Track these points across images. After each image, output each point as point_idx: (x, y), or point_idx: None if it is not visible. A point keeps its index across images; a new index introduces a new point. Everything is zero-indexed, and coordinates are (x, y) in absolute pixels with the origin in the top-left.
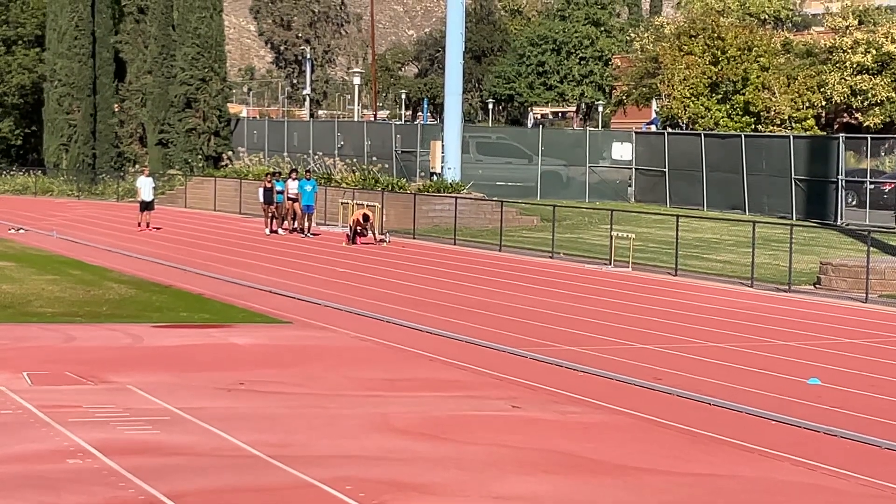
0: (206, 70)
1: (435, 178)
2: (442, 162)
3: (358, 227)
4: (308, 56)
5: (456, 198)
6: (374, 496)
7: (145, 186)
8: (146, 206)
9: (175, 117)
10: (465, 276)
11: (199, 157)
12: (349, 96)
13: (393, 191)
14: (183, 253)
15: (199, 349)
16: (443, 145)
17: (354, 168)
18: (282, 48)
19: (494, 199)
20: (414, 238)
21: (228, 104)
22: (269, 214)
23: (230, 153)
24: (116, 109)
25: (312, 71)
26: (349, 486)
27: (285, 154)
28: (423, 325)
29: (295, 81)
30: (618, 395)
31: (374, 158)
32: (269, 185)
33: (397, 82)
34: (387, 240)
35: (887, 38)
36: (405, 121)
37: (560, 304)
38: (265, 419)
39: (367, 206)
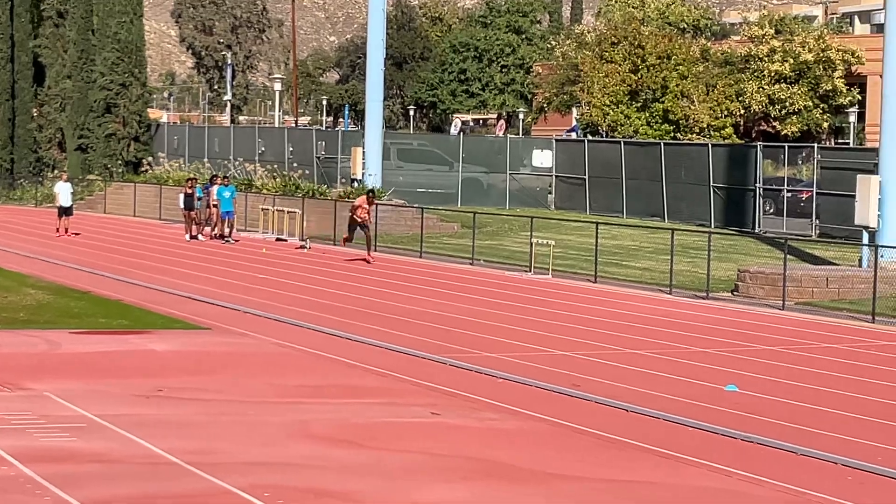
0: (127, 75)
1: (356, 184)
2: (363, 168)
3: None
4: (229, 61)
5: (377, 204)
6: (292, 503)
7: (63, 192)
8: (64, 212)
9: (95, 122)
10: (386, 282)
11: (119, 162)
12: (270, 102)
13: (314, 197)
14: (102, 259)
15: (117, 356)
16: (364, 152)
17: (275, 174)
18: (203, 53)
19: (415, 205)
20: (334, 244)
21: (149, 109)
22: (190, 220)
23: (150, 158)
24: (35, 114)
25: (233, 76)
26: (268, 494)
27: (206, 160)
28: (343, 331)
29: (216, 87)
30: (536, 402)
31: (295, 165)
32: (189, 191)
33: (318, 88)
34: (307, 246)
35: (804, 47)
36: (326, 127)
37: (480, 310)
38: (184, 426)
39: (288, 212)
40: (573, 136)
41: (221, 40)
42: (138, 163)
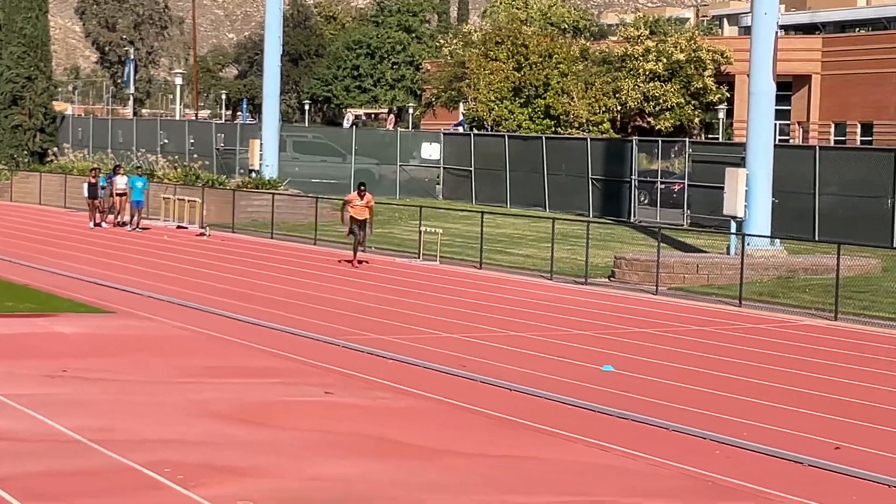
0: (32, 69)
1: (254, 174)
2: (260, 160)
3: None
4: (132, 57)
5: (273, 194)
6: (192, 479)
7: None
8: None
9: (1, 114)
10: (283, 268)
11: (25, 152)
12: (172, 96)
13: (213, 187)
14: (8, 245)
15: (23, 338)
16: (261, 144)
17: (177, 165)
18: (106, 49)
19: (310, 195)
20: (233, 232)
21: (54, 102)
22: (94, 208)
23: (56, 149)
24: None
25: (136, 71)
26: (168, 469)
27: (109, 151)
28: (242, 315)
29: (119, 81)
30: (426, 382)
31: (196, 156)
32: (93, 181)
33: (218, 83)
34: (207, 233)
35: (676, 47)
36: (225, 120)
37: (372, 295)
38: (88, 405)
39: (188, 200)
40: (460, 130)
41: (124, 36)
42: (44, 153)
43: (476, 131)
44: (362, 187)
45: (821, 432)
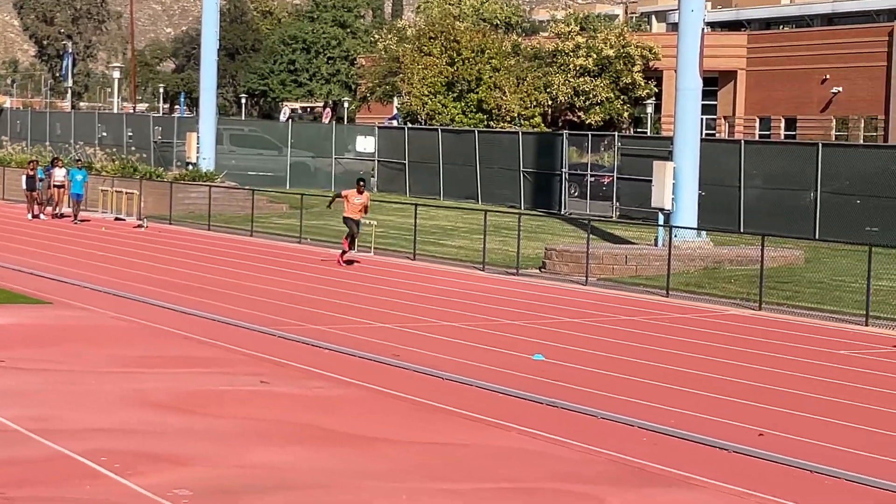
0: None
1: (191, 167)
2: (197, 152)
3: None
4: (70, 51)
5: (210, 186)
6: (128, 467)
7: None
8: None
9: None
10: (219, 259)
11: None
12: (109, 89)
13: (151, 179)
14: None
15: None
16: (198, 137)
17: (114, 157)
18: (45, 42)
19: (246, 187)
20: (170, 224)
21: None
22: (32, 200)
23: None
24: None
25: (74, 65)
26: (105, 458)
27: (48, 143)
28: (179, 305)
29: (57, 74)
30: (359, 371)
31: (134, 148)
32: (31, 173)
33: (156, 77)
34: (144, 225)
35: (606, 43)
36: (163, 113)
37: (307, 286)
38: (25, 395)
39: (126, 192)
40: (394, 123)
41: (62, 30)
42: None
43: (410, 125)
44: (361, 183)
45: (745, 419)
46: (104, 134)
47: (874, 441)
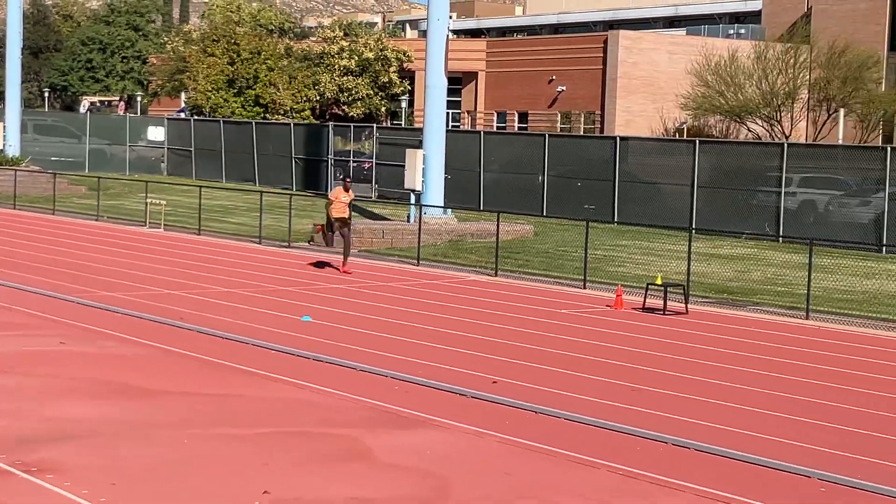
0: None
1: None
2: (4, 140)
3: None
4: None
5: (16, 170)
6: None
7: None
8: None
9: None
10: (24, 234)
11: None
12: None
13: None
14: None
15: None
16: (5, 126)
17: None
18: None
19: (49, 171)
20: None
21: None
22: None
23: None
24: None
25: None
26: None
27: None
28: None
29: None
30: (149, 332)
31: None
32: None
33: None
34: None
35: (366, 47)
36: None
37: (103, 258)
38: None
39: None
40: (182, 115)
41: None
42: None
43: (196, 117)
44: (348, 179)
45: (481, 369)
46: None
47: (589, 384)
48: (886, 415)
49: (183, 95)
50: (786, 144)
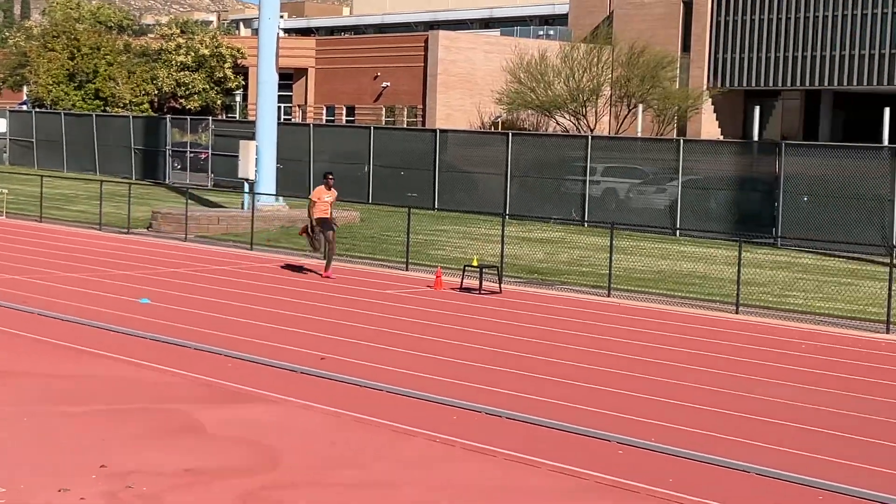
0: None
1: None
2: None
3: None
4: None
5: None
6: None
7: None
8: None
9: None
10: None
11: None
12: None
13: None
14: None
15: None
16: None
17: None
18: None
19: None
20: None
21: None
22: None
23: None
24: None
25: None
26: None
27: None
28: None
29: None
30: None
31: None
32: None
33: None
34: None
35: (202, 44)
36: None
37: None
38: None
39: None
40: (24, 108)
41: None
42: None
43: (38, 109)
44: (330, 177)
45: (310, 346)
46: None
47: (410, 359)
48: (668, 381)
49: (25, 89)
50: (590, 137)
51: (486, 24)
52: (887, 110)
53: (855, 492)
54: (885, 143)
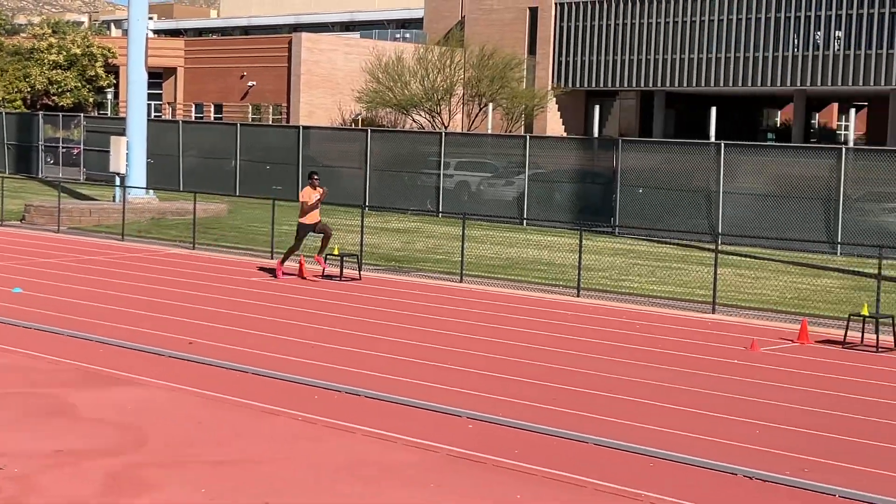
0: None
1: None
2: None
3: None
4: None
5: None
6: None
7: None
8: None
9: None
10: None
11: None
12: None
13: None
14: None
15: None
16: None
17: None
18: None
19: None
20: None
21: None
22: None
23: None
24: None
25: None
26: None
27: None
28: None
29: None
30: None
31: None
32: None
33: None
34: None
35: (74, 44)
36: None
37: None
38: None
39: None
40: None
41: None
42: None
43: None
44: (315, 177)
45: (179, 332)
46: None
47: (275, 342)
48: (515, 360)
49: None
50: (444, 133)
51: (347, 27)
52: (714, 109)
53: (684, 458)
54: (712, 139)
